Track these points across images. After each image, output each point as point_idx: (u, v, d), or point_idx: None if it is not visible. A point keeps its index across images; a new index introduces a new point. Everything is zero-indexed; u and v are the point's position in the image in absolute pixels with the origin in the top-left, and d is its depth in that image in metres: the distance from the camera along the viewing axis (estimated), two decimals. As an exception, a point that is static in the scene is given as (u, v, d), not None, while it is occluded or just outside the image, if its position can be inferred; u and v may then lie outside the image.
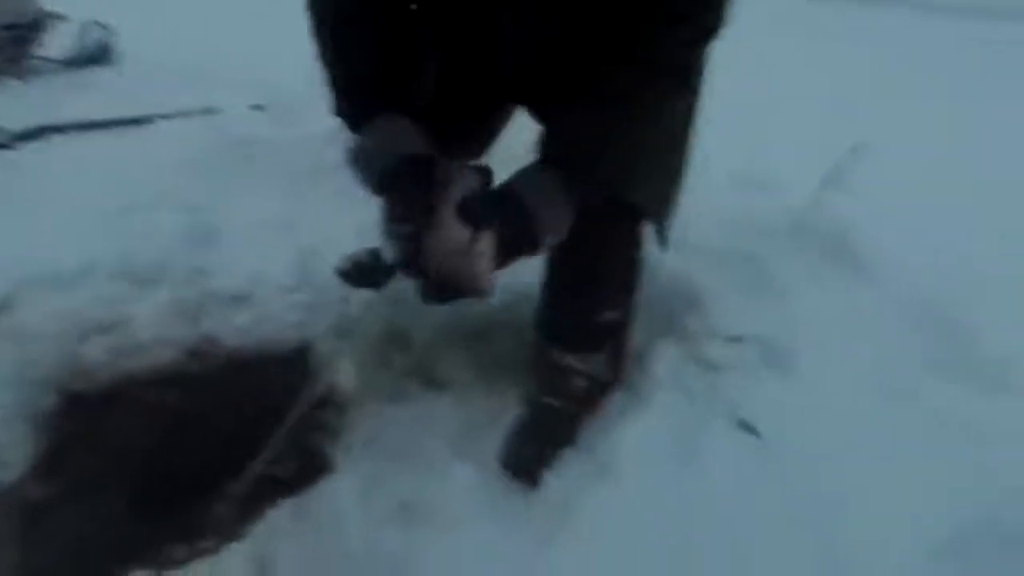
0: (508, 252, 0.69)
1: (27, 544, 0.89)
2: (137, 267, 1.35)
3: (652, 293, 1.09)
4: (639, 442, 0.86)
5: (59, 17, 2.93)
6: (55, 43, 2.98)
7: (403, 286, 1.27)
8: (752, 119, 1.66)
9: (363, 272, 1.34)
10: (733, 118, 1.10)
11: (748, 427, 0.86)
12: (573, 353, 0.95)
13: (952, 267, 1.22)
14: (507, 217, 0.68)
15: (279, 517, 0.91)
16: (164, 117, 2.10)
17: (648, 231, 0.91)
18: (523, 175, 0.72)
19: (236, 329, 1.33)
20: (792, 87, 2.31)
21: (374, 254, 1.31)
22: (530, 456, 0.96)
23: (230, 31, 3.65)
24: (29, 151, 1.82)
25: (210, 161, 1.83)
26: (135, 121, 2.03)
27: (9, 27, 2.63)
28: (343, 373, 1.19)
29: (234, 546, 0.87)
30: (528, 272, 1.24)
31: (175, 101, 2.30)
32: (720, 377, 0.93)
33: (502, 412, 1.08)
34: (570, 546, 0.79)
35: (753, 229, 1.39)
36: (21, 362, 1.10)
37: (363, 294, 1.36)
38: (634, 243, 0.93)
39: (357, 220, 1.57)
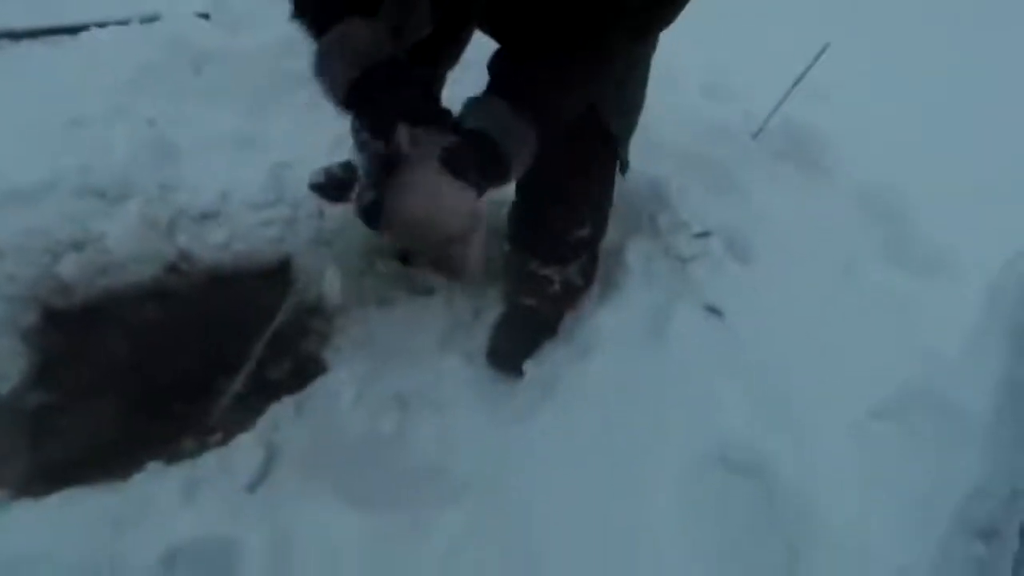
0: (481, 191, 0.69)
1: (37, 445, 0.92)
2: (100, 183, 1.31)
3: (626, 194, 1.14)
4: (614, 327, 0.94)
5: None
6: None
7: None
8: (720, 26, 1.66)
9: (337, 186, 1.34)
10: (701, 26, 1.10)
11: (713, 310, 0.94)
12: (549, 265, 1.01)
13: (904, 165, 1.30)
14: (485, 164, 0.67)
15: (281, 411, 0.97)
16: (100, 25, 1.94)
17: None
18: (493, 117, 0.68)
19: (211, 245, 1.32)
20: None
21: (347, 167, 1.31)
22: (513, 349, 1.04)
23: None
24: (-46, 63, 1.67)
25: (157, 72, 1.72)
26: (69, 30, 1.87)
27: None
28: (329, 282, 1.21)
29: (241, 437, 0.92)
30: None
31: (107, 7, 2.11)
32: (688, 267, 1.00)
33: (485, 310, 1.15)
34: (551, 419, 0.87)
35: (719, 134, 1.43)
36: (-3, 278, 1.09)
37: (339, 208, 1.37)
38: (608, 165, 0.96)
39: (326, 135, 1.54)
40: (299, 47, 2.01)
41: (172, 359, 1.10)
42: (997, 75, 1.96)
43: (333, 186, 1.22)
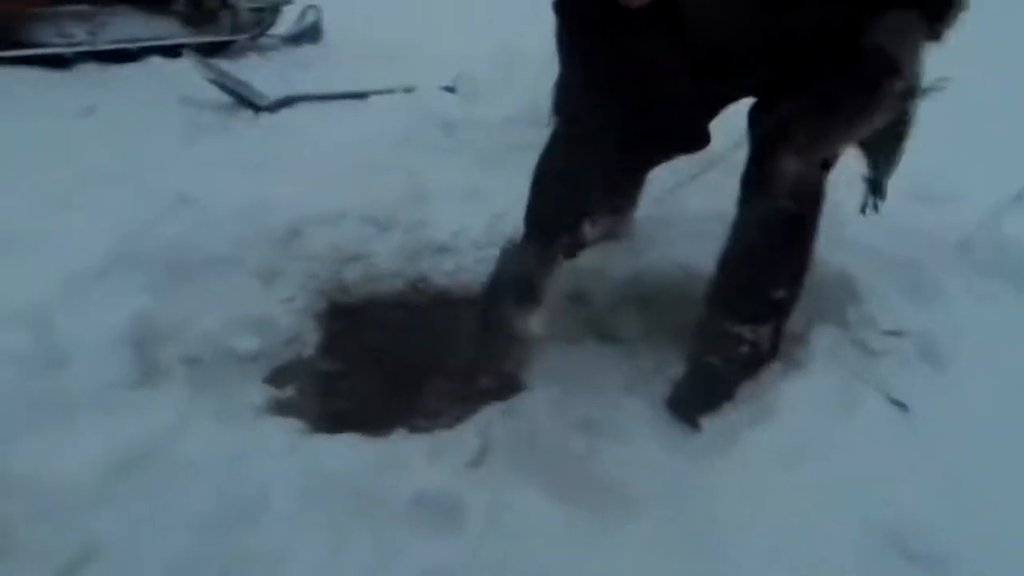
0: None
1: (322, 397, 1.26)
2: (377, 214, 1.72)
3: (817, 284, 1.23)
4: (795, 400, 1.03)
5: (288, 1, 3.51)
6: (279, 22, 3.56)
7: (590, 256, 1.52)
8: (937, 128, 1.69)
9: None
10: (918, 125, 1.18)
11: (899, 403, 0.99)
12: (744, 324, 1.13)
13: None
14: None
15: (491, 413, 1.20)
16: (377, 93, 2.52)
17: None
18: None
19: (444, 273, 1.66)
20: (987, 97, 2.21)
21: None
22: (694, 402, 1.16)
23: (416, 14, 4.10)
24: (285, 116, 2.30)
25: (416, 133, 2.19)
26: (357, 95, 2.46)
27: (256, 9, 3.22)
28: (532, 318, 1.46)
29: (462, 426, 1.16)
30: (695, 252, 1.43)
31: (378, 78, 2.72)
32: (876, 360, 1.07)
33: (666, 364, 1.29)
34: (727, 466, 0.98)
35: (919, 237, 1.45)
36: (307, 275, 1.50)
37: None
38: (809, 229, 1.09)
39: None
40: (522, 120, 2.40)
41: (409, 354, 1.41)
42: None
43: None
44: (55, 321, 1.08)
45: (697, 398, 1.16)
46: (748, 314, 1.12)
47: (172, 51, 2.78)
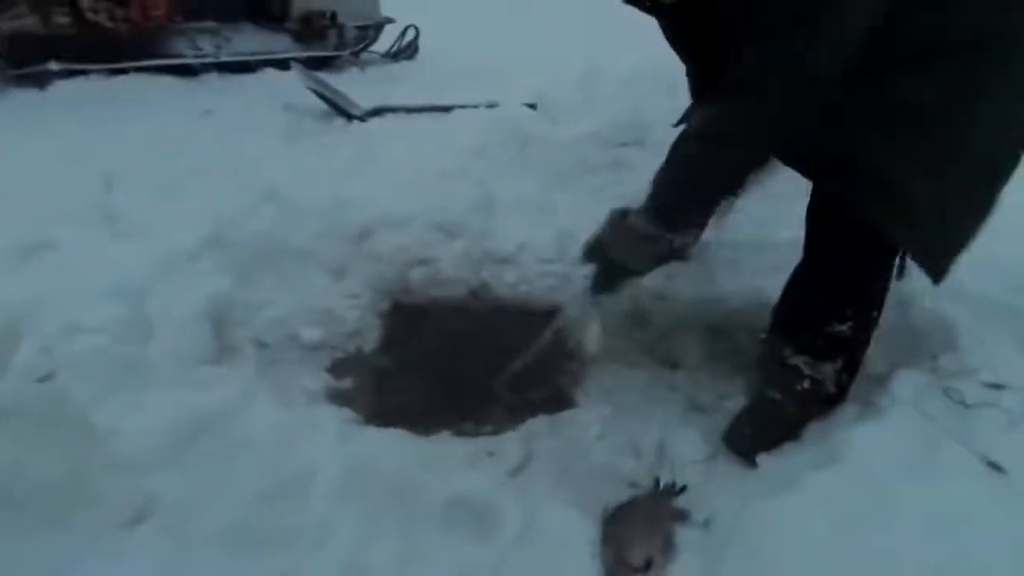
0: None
1: (379, 391, 1.30)
2: (444, 222, 1.76)
3: (907, 326, 1.12)
4: (867, 447, 0.93)
5: (390, 20, 3.73)
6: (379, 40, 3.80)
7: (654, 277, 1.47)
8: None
9: None
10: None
11: (994, 465, 0.87)
12: (802, 355, 1.05)
13: None
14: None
15: (538, 426, 1.18)
16: (461, 107, 2.60)
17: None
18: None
19: (504, 283, 1.67)
20: None
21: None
22: (752, 438, 1.09)
23: (507, 35, 4.24)
24: (374, 124, 2.44)
25: (493, 146, 2.23)
26: (442, 109, 2.56)
27: (361, 28, 3.45)
28: (590, 334, 1.42)
29: (507, 435, 1.16)
30: (769, 279, 1.35)
31: (465, 93, 2.82)
32: (968, 413, 0.95)
33: (726, 397, 1.22)
34: (780, 515, 0.89)
35: (1036, 286, 1.29)
36: (373, 275, 1.56)
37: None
38: (881, 264, 1.00)
39: (607, 212, 1.82)
40: (598, 140, 2.39)
41: (464, 360, 1.43)
42: None
43: None
44: (148, 297, 1.20)
45: (756, 434, 1.08)
46: (805, 347, 1.04)
47: (283, 64, 3.04)
